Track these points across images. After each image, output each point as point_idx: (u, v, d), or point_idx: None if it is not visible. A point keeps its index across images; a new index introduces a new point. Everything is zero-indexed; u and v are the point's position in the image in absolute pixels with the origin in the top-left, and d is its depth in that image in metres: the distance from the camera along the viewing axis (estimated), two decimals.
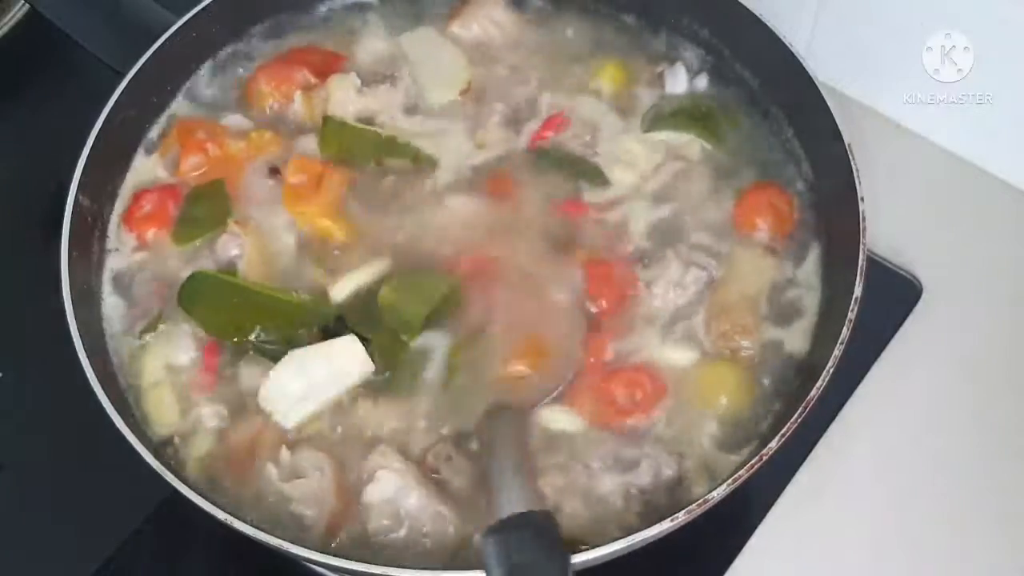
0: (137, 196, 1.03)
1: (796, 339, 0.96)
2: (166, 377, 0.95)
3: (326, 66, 1.10)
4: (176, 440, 0.92)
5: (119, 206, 1.04)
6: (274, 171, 1.04)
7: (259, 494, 0.89)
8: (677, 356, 0.95)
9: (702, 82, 1.09)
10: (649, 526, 0.81)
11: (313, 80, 1.08)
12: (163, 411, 0.93)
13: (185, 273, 0.98)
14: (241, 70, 1.12)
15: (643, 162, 1.04)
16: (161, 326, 0.97)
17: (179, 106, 1.10)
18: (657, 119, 1.06)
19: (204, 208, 1.02)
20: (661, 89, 1.09)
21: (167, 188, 1.04)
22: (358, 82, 1.07)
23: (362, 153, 1.04)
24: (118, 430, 0.85)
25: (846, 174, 0.94)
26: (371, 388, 0.93)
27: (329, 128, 1.05)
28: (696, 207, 1.02)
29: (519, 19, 1.14)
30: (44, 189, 1.15)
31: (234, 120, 1.08)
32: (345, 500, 0.89)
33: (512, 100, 1.08)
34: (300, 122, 1.07)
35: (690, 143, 1.05)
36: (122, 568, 1.01)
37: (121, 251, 1.02)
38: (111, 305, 0.99)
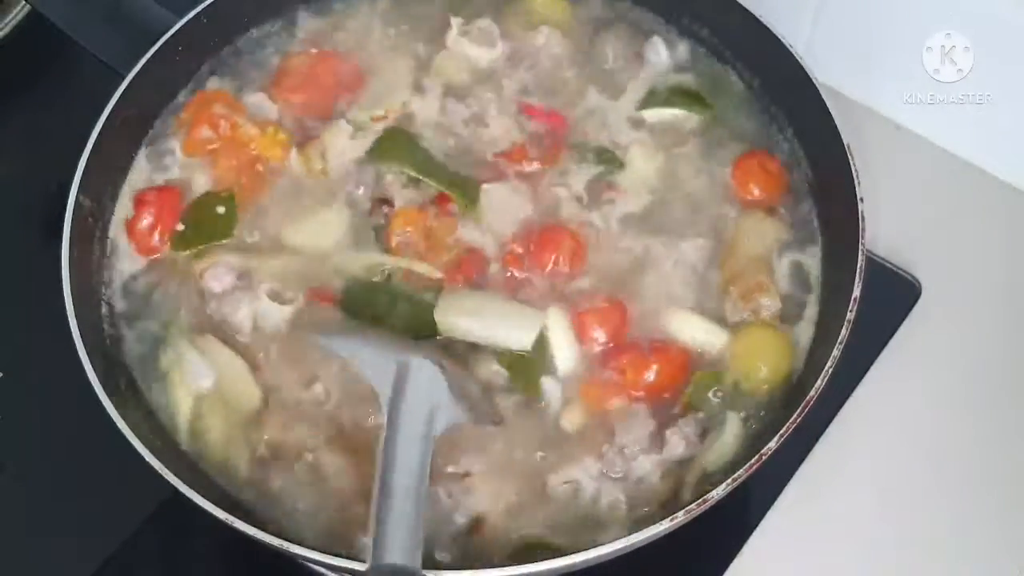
0: (138, 200, 1.02)
1: (801, 325, 0.96)
2: (175, 374, 0.95)
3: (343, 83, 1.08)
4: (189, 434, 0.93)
5: (120, 207, 1.03)
6: (383, 202, 1.01)
7: (281, 489, 0.90)
8: (703, 335, 0.95)
9: (683, 53, 1.10)
10: (648, 526, 0.81)
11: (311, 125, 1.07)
12: (177, 407, 0.94)
13: (187, 279, 0.99)
14: (251, 70, 1.11)
15: (641, 147, 1.05)
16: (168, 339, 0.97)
17: (181, 105, 1.09)
18: (651, 97, 1.07)
19: (208, 217, 1.01)
20: (641, 65, 1.09)
21: (167, 190, 1.03)
22: (350, 128, 1.05)
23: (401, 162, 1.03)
24: (118, 430, 0.85)
25: (845, 174, 0.94)
26: None
27: (390, 140, 1.04)
28: (694, 181, 1.03)
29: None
30: (45, 189, 1.15)
31: (256, 100, 1.07)
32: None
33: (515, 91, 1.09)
34: None
35: (686, 118, 1.06)
36: (122, 568, 1.01)
37: (123, 254, 1.01)
38: (112, 305, 0.99)
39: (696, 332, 0.95)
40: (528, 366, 0.94)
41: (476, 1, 1.14)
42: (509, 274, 0.98)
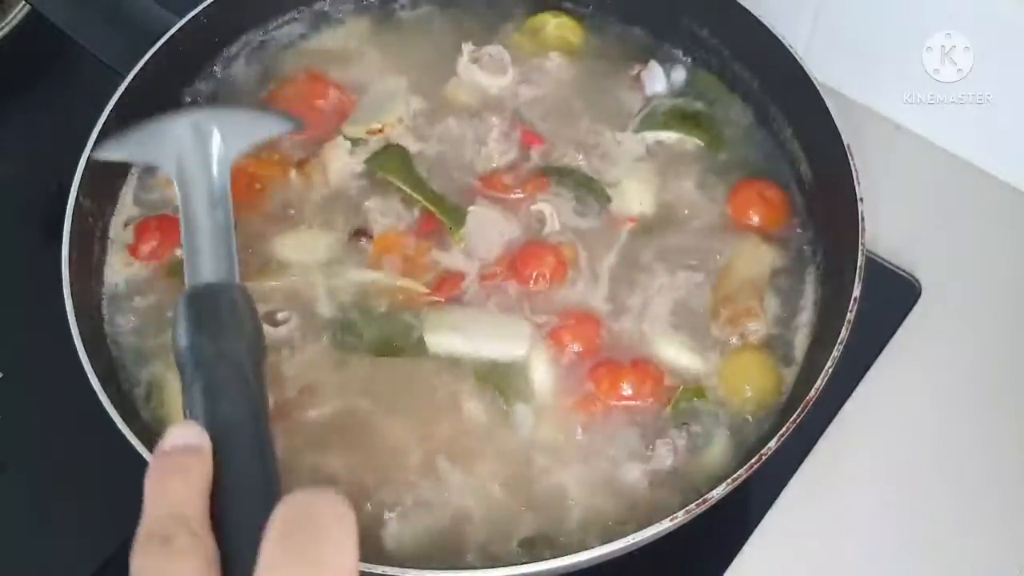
0: (140, 228, 1.02)
1: (798, 331, 0.97)
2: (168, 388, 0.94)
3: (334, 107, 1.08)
4: None
5: (121, 208, 1.04)
6: (360, 233, 1.00)
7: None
8: (685, 361, 0.95)
9: (680, 75, 1.10)
10: (647, 526, 0.81)
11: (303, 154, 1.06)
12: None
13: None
14: (252, 71, 1.12)
15: (637, 170, 1.05)
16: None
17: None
18: (648, 120, 1.07)
19: None
20: (642, 92, 1.09)
21: (167, 218, 1.02)
22: (348, 144, 1.05)
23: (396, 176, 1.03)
24: (118, 430, 0.85)
25: (845, 175, 0.94)
26: None
27: (388, 153, 1.04)
28: (689, 207, 1.03)
29: None
30: (45, 189, 1.15)
31: None
32: None
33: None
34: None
35: (681, 142, 1.06)
36: (122, 568, 0.99)
37: (120, 271, 1.01)
38: (114, 305, 0.99)
39: (679, 357, 0.95)
40: (504, 380, 0.94)
41: (484, 25, 1.14)
42: (488, 291, 0.98)
